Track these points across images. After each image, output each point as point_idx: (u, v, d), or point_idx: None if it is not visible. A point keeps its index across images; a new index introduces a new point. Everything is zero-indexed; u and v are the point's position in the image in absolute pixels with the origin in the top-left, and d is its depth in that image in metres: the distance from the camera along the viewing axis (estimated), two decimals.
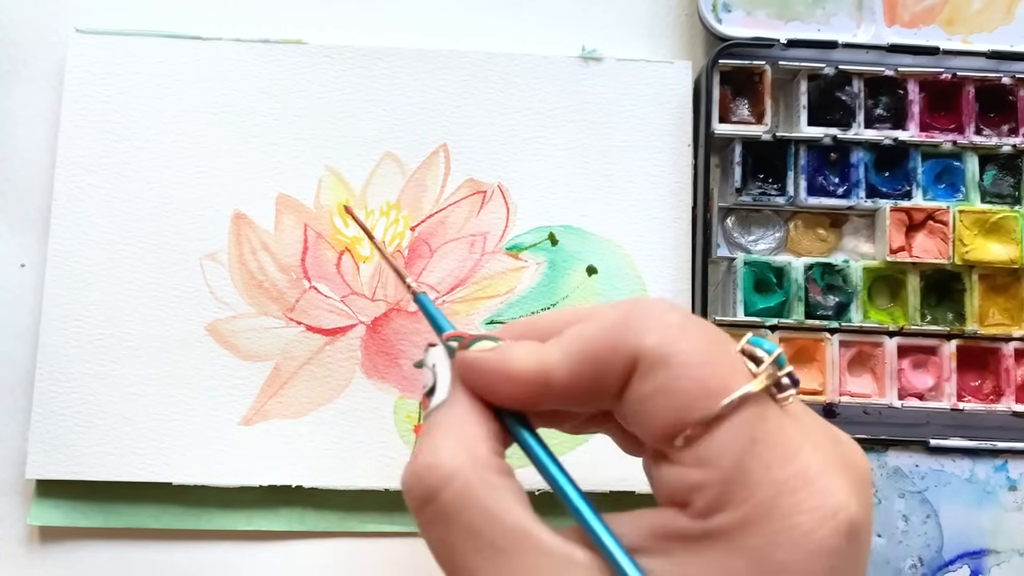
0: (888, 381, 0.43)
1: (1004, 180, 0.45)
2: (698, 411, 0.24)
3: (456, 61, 0.45)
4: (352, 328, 0.43)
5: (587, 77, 0.45)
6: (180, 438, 0.41)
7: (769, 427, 0.24)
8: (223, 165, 0.43)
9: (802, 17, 0.45)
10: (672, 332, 0.25)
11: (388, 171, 0.44)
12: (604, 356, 0.25)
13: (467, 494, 0.24)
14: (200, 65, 0.44)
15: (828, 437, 0.26)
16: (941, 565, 0.43)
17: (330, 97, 0.44)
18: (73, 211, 0.43)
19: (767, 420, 0.24)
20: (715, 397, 0.24)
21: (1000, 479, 0.43)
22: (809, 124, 0.44)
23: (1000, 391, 0.44)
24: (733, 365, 0.25)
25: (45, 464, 0.41)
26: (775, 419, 0.24)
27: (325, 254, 0.43)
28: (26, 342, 0.43)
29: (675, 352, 0.24)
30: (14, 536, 0.42)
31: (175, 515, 0.42)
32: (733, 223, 0.45)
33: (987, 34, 0.46)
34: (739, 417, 0.24)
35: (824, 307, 0.44)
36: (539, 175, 0.44)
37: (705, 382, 0.24)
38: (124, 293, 0.42)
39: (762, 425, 0.24)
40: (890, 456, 0.43)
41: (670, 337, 0.25)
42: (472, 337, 0.28)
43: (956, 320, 0.44)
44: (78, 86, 0.43)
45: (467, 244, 0.44)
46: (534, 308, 0.43)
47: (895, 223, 0.44)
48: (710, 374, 0.24)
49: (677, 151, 0.45)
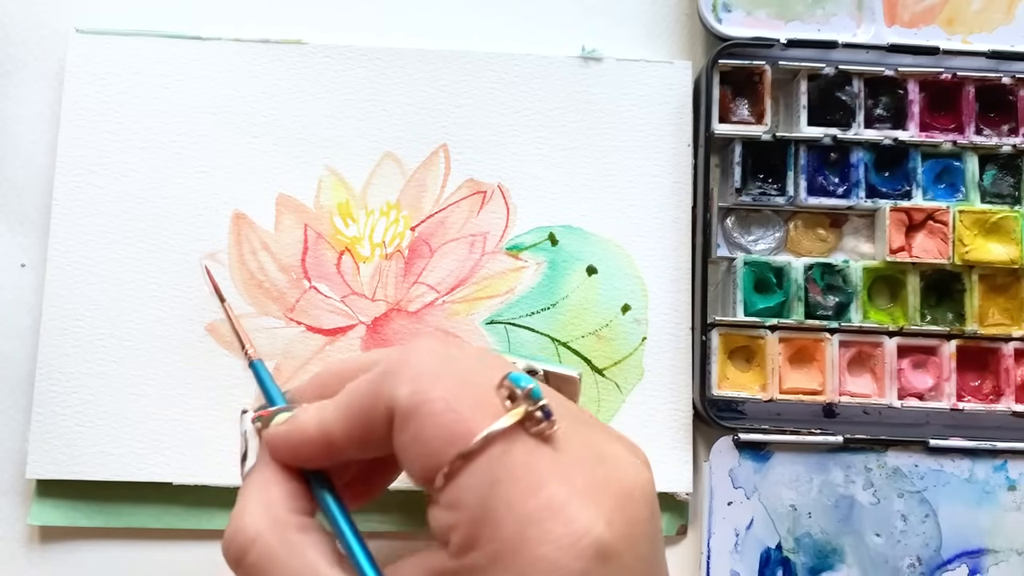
0: (888, 381, 0.43)
1: (1004, 180, 0.45)
2: (445, 457, 0.25)
3: (456, 61, 0.45)
4: (352, 328, 0.43)
5: (587, 77, 0.45)
6: (180, 438, 0.41)
7: (513, 464, 0.25)
8: (223, 165, 0.43)
9: (802, 17, 0.45)
10: (423, 381, 0.26)
11: (388, 171, 0.44)
12: (368, 411, 0.28)
13: (269, 555, 0.27)
14: (200, 65, 0.44)
15: (589, 460, 0.26)
16: (939, 564, 0.43)
17: (330, 97, 0.44)
18: (73, 211, 0.43)
19: (512, 457, 0.25)
20: (459, 443, 0.25)
21: (999, 479, 0.43)
22: (809, 124, 0.44)
23: (1000, 391, 0.44)
24: (481, 408, 0.26)
25: (45, 464, 0.41)
26: (522, 455, 0.25)
27: (325, 254, 0.43)
28: (26, 342, 0.43)
29: (422, 402, 0.26)
30: (14, 536, 0.42)
31: (175, 515, 0.42)
32: (733, 223, 0.45)
33: (987, 34, 0.46)
34: (483, 459, 0.25)
35: (824, 307, 0.44)
36: (539, 175, 0.44)
37: (450, 429, 0.25)
38: (124, 293, 0.42)
39: (506, 463, 0.25)
40: (889, 456, 0.43)
41: (421, 386, 0.26)
42: (271, 413, 0.30)
43: (956, 320, 0.44)
44: (78, 86, 0.43)
45: (467, 244, 0.44)
46: (534, 308, 0.43)
47: (895, 223, 0.44)
48: (454, 420, 0.26)
49: (677, 151, 0.45)
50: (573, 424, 0.28)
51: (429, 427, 0.26)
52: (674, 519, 0.43)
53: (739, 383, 0.43)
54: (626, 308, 0.44)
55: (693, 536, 0.43)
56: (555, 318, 0.43)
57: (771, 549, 0.43)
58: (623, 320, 0.44)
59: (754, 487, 0.43)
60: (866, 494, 0.43)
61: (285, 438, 0.29)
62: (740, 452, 0.43)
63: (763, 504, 0.43)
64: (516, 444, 0.26)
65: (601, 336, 0.43)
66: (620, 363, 0.43)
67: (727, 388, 0.43)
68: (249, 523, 0.28)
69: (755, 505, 0.43)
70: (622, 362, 0.43)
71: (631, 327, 0.44)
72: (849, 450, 0.43)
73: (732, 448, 0.43)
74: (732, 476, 0.43)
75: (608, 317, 0.44)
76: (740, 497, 0.43)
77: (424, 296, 0.43)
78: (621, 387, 0.43)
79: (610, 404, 0.43)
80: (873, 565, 0.43)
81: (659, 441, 0.43)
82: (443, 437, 0.25)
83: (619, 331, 0.44)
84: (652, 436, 0.43)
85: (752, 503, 0.43)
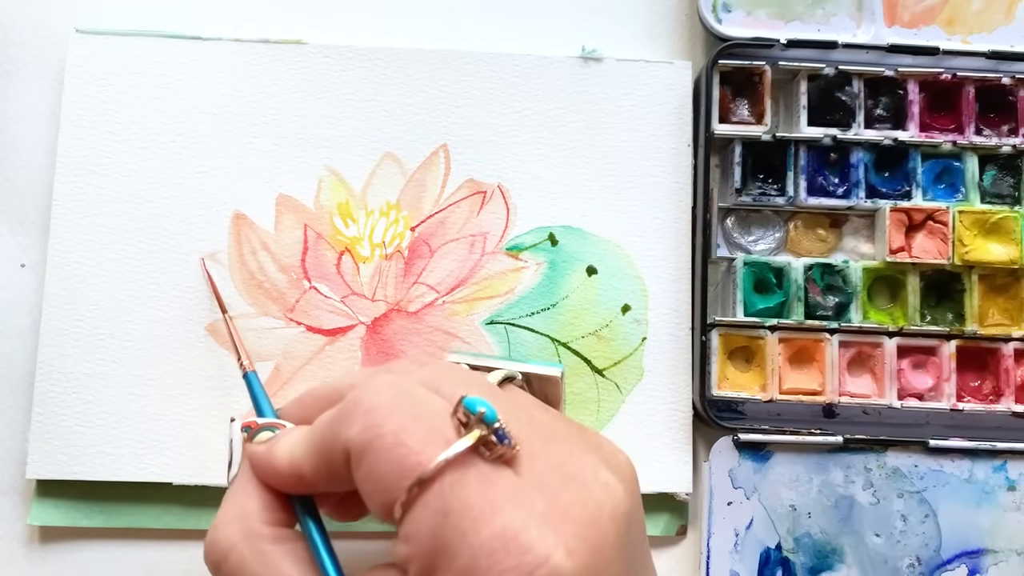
0: (888, 381, 0.43)
1: (1004, 180, 0.45)
2: (398, 491, 0.25)
3: (456, 61, 0.45)
4: (352, 328, 0.43)
5: (587, 77, 0.45)
6: (180, 438, 0.41)
7: (466, 493, 0.24)
8: (223, 165, 0.43)
9: (802, 17, 0.45)
10: (375, 416, 0.26)
11: (388, 171, 0.44)
12: (327, 451, 0.27)
13: (242, 565, 0.28)
14: (200, 65, 0.44)
15: (554, 482, 0.26)
16: (939, 564, 0.43)
17: (330, 97, 0.44)
18: (73, 211, 0.43)
19: (465, 485, 0.25)
20: (411, 475, 0.25)
21: (999, 479, 0.43)
22: (809, 124, 0.44)
23: (999, 391, 0.44)
24: (433, 438, 0.25)
25: (45, 464, 0.41)
26: (476, 482, 0.25)
27: (325, 254, 0.43)
28: (26, 342, 0.43)
29: (373, 438, 0.26)
30: (14, 536, 0.42)
31: (175, 515, 0.42)
32: (733, 223, 0.45)
33: (987, 34, 0.46)
34: (435, 489, 0.25)
35: (824, 307, 0.44)
36: (539, 175, 0.44)
37: (400, 464, 0.25)
38: (124, 293, 0.42)
39: (459, 493, 0.25)
40: (889, 456, 0.43)
41: (372, 422, 0.26)
42: (258, 427, 0.31)
43: (956, 320, 0.44)
44: (78, 86, 0.43)
45: (467, 244, 0.44)
46: (534, 308, 0.43)
47: (895, 223, 0.44)
48: (404, 454, 0.25)
49: (677, 151, 0.45)
50: (541, 441, 0.27)
51: (381, 463, 0.25)
52: (674, 519, 0.43)
53: (739, 383, 0.43)
54: (626, 308, 0.44)
55: (693, 536, 0.43)
56: (555, 318, 0.43)
57: (771, 549, 0.43)
58: (623, 320, 0.44)
59: (754, 487, 0.43)
60: (866, 494, 0.43)
61: (262, 464, 0.30)
62: (740, 452, 0.43)
63: (763, 504, 0.43)
64: (470, 471, 0.25)
65: (601, 336, 0.43)
66: (620, 363, 0.43)
67: (727, 388, 0.43)
68: (223, 535, 0.28)
69: (755, 505, 0.43)
70: (622, 362, 0.43)
71: (631, 327, 0.44)
72: (849, 450, 0.43)
73: (732, 448, 0.43)
74: (732, 476, 0.43)
75: (608, 317, 0.44)
76: (740, 497, 0.43)
77: (424, 296, 0.43)
78: (621, 387, 0.43)
79: (610, 404, 0.43)
80: (873, 565, 0.43)
81: (659, 441, 0.43)
82: (395, 472, 0.25)
83: (619, 331, 0.44)
84: (652, 436, 0.43)
85: (752, 503, 0.43)
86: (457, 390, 0.27)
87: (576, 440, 0.28)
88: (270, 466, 0.30)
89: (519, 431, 0.26)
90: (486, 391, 0.28)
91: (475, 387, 0.28)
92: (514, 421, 0.26)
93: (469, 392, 0.27)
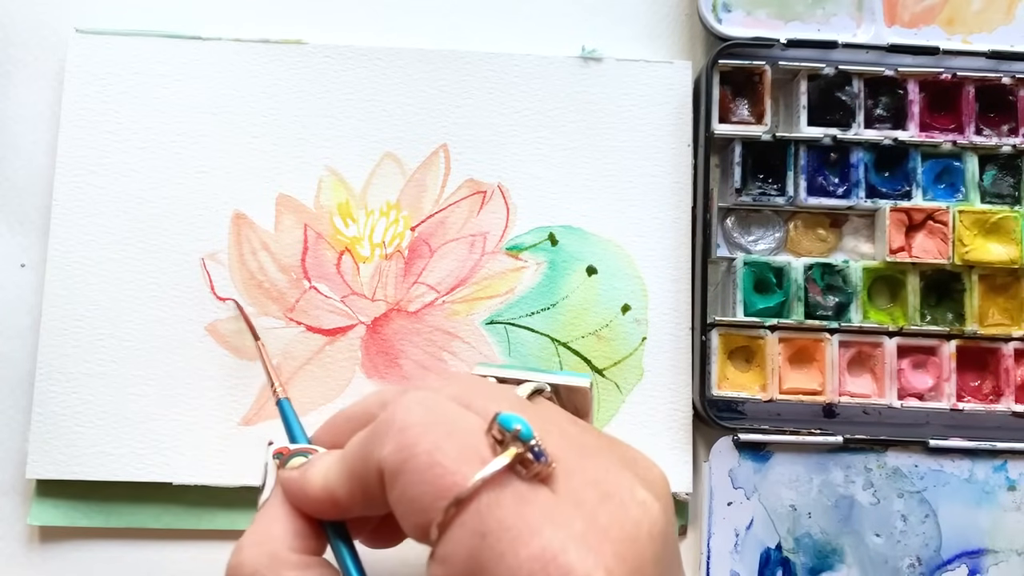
0: (888, 381, 0.43)
1: (1004, 180, 0.45)
2: (434, 512, 0.24)
3: (456, 61, 0.45)
4: (352, 328, 0.43)
5: (587, 77, 0.45)
6: (180, 438, 0.41)
7: (504, 514, 0.24)
8: (223, 165, 0.43)
9: (802, 17, 0.45)
10: (408, 436, 0.25)
11: (388, 171, 0.44)
12: (362, 473, 0.27)
13: None
14: (200, 65, 0.44)
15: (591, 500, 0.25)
16: (939, 565, 0.43)
17: (330, 97, 0.44)
18: (73, 211, 0.43)
19: (502, 505, 0.24)
20: (447, 496, 0.24)
21: (999, 479, 0.43)
22: (809, 124, 0.44)
23: (1000, 391, 0.44)
24: (468, 456, 0.25)
25: (45, 464, 0.41)
26: (513, 501, 0.24)
27: (325, 254, 0.43)
28: (26, 342, 0.43)
29: (407, 458, 0.25)
30: (14, 536, 0.42)
31: (175, 515, 0.42)
32: (733, 223, 0.45)
33: (987, 34, 0.46)
34: (471, 509, 0.24)
35: (824, 307, 0.44)
36: (539, 175, 0.44)
37: (436, 484, 0.24)
38: (124, 293, 0.42)
39: (496, 513, 0.24)
40: (889, 456, 0.43)
41: (406, 442, 0.25)
42: (291, 453, 0.30)
43: (956, 320, 0.44)
44: (78, 86, 0.43)
45: (467, 244, 0.44)
46: (534, 308, 0.43)
47: (895, 223, 0.44)
48: (439, 474, 0.24)
49: (677, 151, 0.45)
50: (576, 457, 0.26)
51: (416, 484, 0.25)
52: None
53: (739, 383, 0.43)
54: (626, 308, 0.44)
55: (693, 536, 0.43)
56: (555, 318, 0.43)
57: (771, 549, 0.43)
58: (623, 320, 0.44)
59: (754, 487, 0.43)
60: (866, 494, 0.43)
61: (296, 490, 0.29)
62: (740, 452, 0.43)
63: (763, 504, 0.43)
64: (506, 491, 0.24)
65: (601, 336, 0.43)
66: (620, 363, 0.43)
67: (727, 388, 0.43)
68: (248, 558, 0.28)
69: (755, 505, 0.43)
70: (622, 362, 0.43)
71: (631, 327, 0.44)
72: (849, 450, 0.43)
73: (732, 448, 0.43)
74: (732, 476, 0.43)
75: (608, 317, 0.44)
76: (740, 497, 0.43)
77: (424, 296, 0.43)
78: (621, 387, 0.43)
79: (610, 404, 0.43)
80: (873, 565, 0.43)
81: (659, 441, 0.43)
82: (430, 493, 0.24)
83: (619, 331, 0.44)
84: (652, 436, 0.43)
85: (752, 503, 0.43)
86: (490, 406, 0.26)
87: (610, 454, 0.28)
88: (303, 492, 0.29)
89: (554, 447, 0.26)
90: (517, 405, 0.27)
91: (506, 402, 0.27)
92: (548, 436, 0.26)
93: (501, 407, 0.26)
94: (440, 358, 0.43)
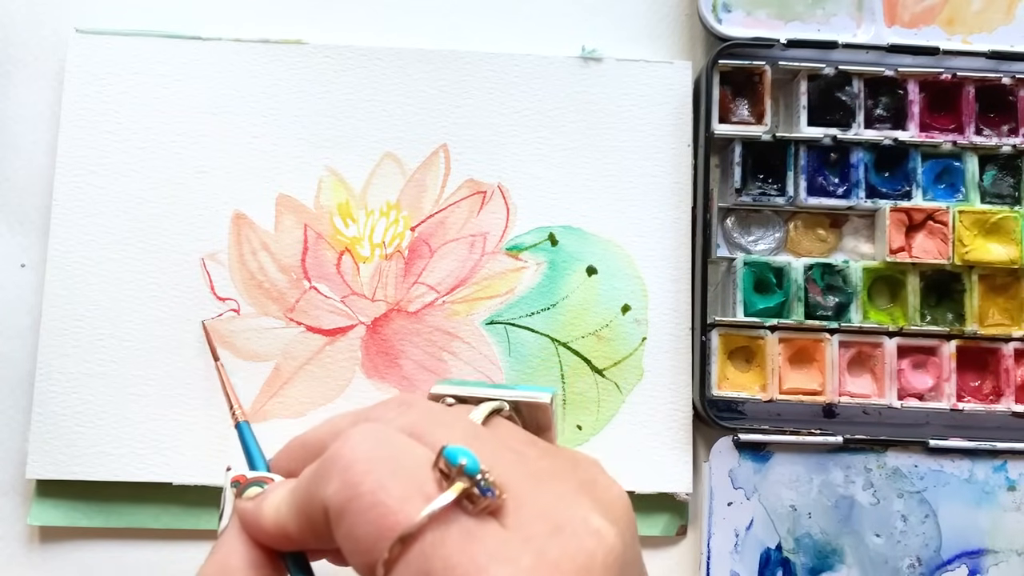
0: (888, 381, 0.43)
1: (1004, 180, 0.45)
2: (378, 552, 0.24)
3: (456, 61, 0.45)
4: (352, 328, 0.43)
5: (587, 77, 0.45)
6: (180, 438, 0.41)
7: (449, 552, 0.23)
8: (223, 165, 0.43)
9: (802, 17, 0.45)
10: (352, 474, 0.25)
11: (388, 171, 0.44)
12: (308, 508, 0.26)
13: None
14: (200, 65, 0.44)
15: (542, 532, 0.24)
16: (939, 565, 0.43)
17: (330, 97, 0.44)
18: (73, 211, 0.43)
19: (447, 543, 0.23)
20: (390, 536, 0.24)
21: (999, 479, 0.43)
22: (809, 124, 0.44)
23: (1000, 391, 0.44)
24: (413, 494, 0.24)
25: (45, 464, 0.41)
26: (459, 538, 0.24)
27: (325, 254, 0.43)
28: (26, 342, 0.43)
29: (351, 497, 0.24)
30: (14, 536, 0.42)
31: (175, 515, 0.42)
32: (733, 223, 0.45)
33: (987, 34, 0.46)
34: (416, 549, 0.24)
35: (824, 307, 0.44)
36: (539, 175, 0.44)
37: (379, 523, 0.24)
38: (124, 293, 0.42)
39: (440, 552, 0.23)
40: (889, 456, 0.43)
41: (350, 480, 0.25)
42: (247, 482, 0.30)
43: (956, 320, 0.44)
44: (78, 86, 0.43)
45: (467, 244, 0.44)
46: (534, 308, 0.43)
47: (895, 223, 0.44)
48: (383, 514, 0.24)
49: (677, 151, 0.45)
50: (529, 485, 0.26)
51: (360, 524, 0.24)
52: (674, 519, 0.43)
53: (739, 383, 0.43)
54: (626, 308, 0.44)
55: (693, 537, 0.43)
56: (555, 318, 0.43)
57: (771, 550, 0.43)
58: (623, 320, 0.44)
59: (754, 487, 0.43)
60: (866, 494, 0.43)
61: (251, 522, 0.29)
62: (740, 452, 0.43)
63: (763, 504, 0.43)
64: (452, 528, 0.24)
65: (601, 336, 0.43)
66: (620, 363, 0.43)
67: (727, 388, 0.43)
68: None
69: (755, 505, 0.43)
70: (622, 362, 0.43)
71: (631, 327, 0.44)
72: (849, 450, 0.43)
73: (732, 448, 0.43)
74: (732, 476, 0.43)
75: (608, 317, 0.44)
76: (740, 498, 0.43)
77: (424, 296, 0.43)
78: (621, 387, 0.43)
79: (610, 404, 0.43)
80: (873, 566, 0.43)
81: (659, 441, 0.43)
82: (374, 532, 0.24)
83: (619, 331, 0.44)
84: (652, 436, 0.43)
85: (752, 503, 0.43)
86: (441, 436, 0.26)
87: (567, 478, 0.27)
88: (257, 524, 0.29)
89: (505, 475, 0.25)
90: (471, 432, 0.27)
91: (459, 430, 0.27)
92: (500, 464, 0.25)
93: (452, 437, 0.25)
94: (440, 358, 0.43)
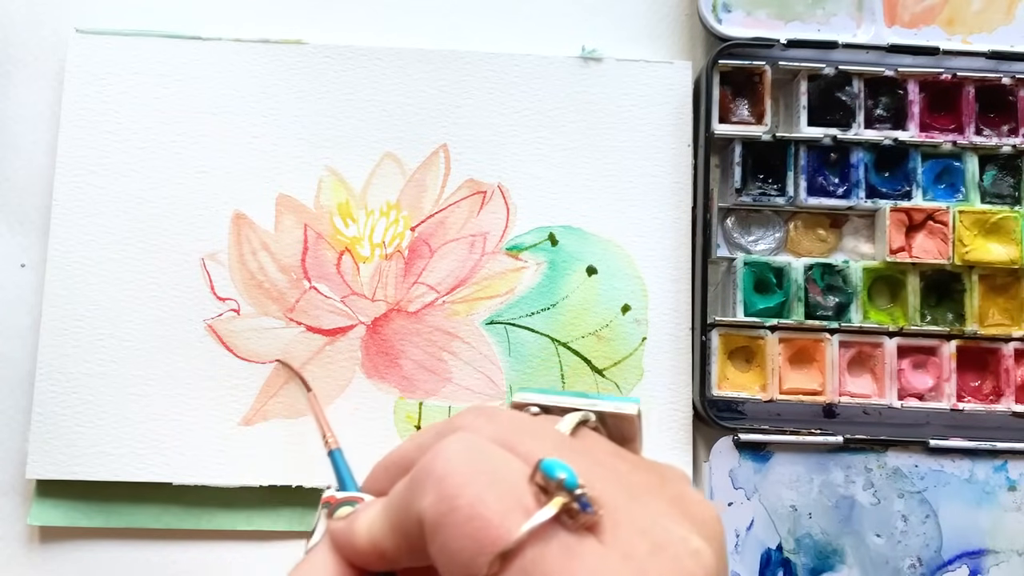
0: (888, 381, 0.43)
1: (1004, 180, 0.45)
2: (477, 568, 0.23)
3: (456, 61, 0.45)
4: (352, 328, 0.43)
5: (587, 77, 0.45)
6: (180, 438, 0.41)
7: (548, 569, 0.23)
8: (223, 165, 0.43)
9: (802, 17, 0.45)
10: (449, 486, 0.24)
11: (388, 171, 0.44)
12: (403, 523, 0.26)
13: None
14: (200, 65, 0.44)
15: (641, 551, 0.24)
16: (940, 565, 0.43)
17: (330, 97, 0.44)
18: (73, 211, 0.43)
19: (547, 561, 0.23)
20: (489, 551, 0.23)
21: (999, 479, 0.43)
22: (809, 124, 0.44)
23: (1000, 391, 0.44)
24: (511, 508, 0.24)
25: (45, 464, 0.41)
26: (559, 556, 0.23)
27: (325, 254, 0.43)
28: (26, 342, 0.43)
29: (447, 511, 0.24)
30: (14, 536, 0.42)
31: (175, 515, 0.42)
32: (733, 223, 0.45)
33: (987, 34, 0.46)
34: (516, 566, 0.23)
35: (824, 307, 0.44)
36: (539, 175, 0.44)
37: (478, 538, 0.23)
38: (124, 293, 0.42)
39: (542, 567, 0.23)
40: (890, 456, 0.43)
41: (446, 492, 0.24)
42: (338, 502, 0.29)
43: (956, 320, 0.44)
44: (78, 86, 0.43)
45: (467, 244, 0.44)
46: (534, 308, 0.43)
47: (895, 223, 0.44)
48: (480, 528, 0.23)
49: (677, 151, 0.45)
50: (624, 501, 0.25)
51: (457, 538, 0.24)
52: None
53: (739, 383, 0.43)
54: (626, 308, 0.44)
55: None
56: (555, 318, 0.43)
57: (772, 550, 0.42)
58: (623, 320, 0.44)
59: (754, 488, 0.43)
60: (866, 494, 0.43)
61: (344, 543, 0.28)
62: (740, 452, 0.43)
63: (763, 505, 0.43)
64: (551, 543, 0.23)
65: (601, 336, 0.43)
66: (620, 363, 0.43)
67: (727, 388, 0.43)
68: None
69: (755, 506, 0.43)
70: (622, 362, 0.43)
71: (631, 327, 0.44)
72: (849, 450, 0.43)
73: (732, 448, 0.43)
74: (732, 477, 0.43)
75: (608, 317, 0.44)
76: (740, 498, 0.43)
77: (424, 296, 0.43)
78: (621, 387, 0.43)
79: None
80: (874, 566, 0.43)
81: (659, 441, 0.43)
82: (472, 547, 0.23)
83: (619, 331, 0.44)
84: (652, 436, 0.43)
85: (752, 504, 0.43)
86: (533, 448, 0.25)
87: (659, 493, 0.27)
88: (350, 543, 0.28)
89: (601, 491, 0.25)
90: (561, 444, 0.26)
91: (550, 441, 0.26)
92: (594, 479, 0.25)
93: (544, 448, 0.25)
94: (440, 358, 0.43)
